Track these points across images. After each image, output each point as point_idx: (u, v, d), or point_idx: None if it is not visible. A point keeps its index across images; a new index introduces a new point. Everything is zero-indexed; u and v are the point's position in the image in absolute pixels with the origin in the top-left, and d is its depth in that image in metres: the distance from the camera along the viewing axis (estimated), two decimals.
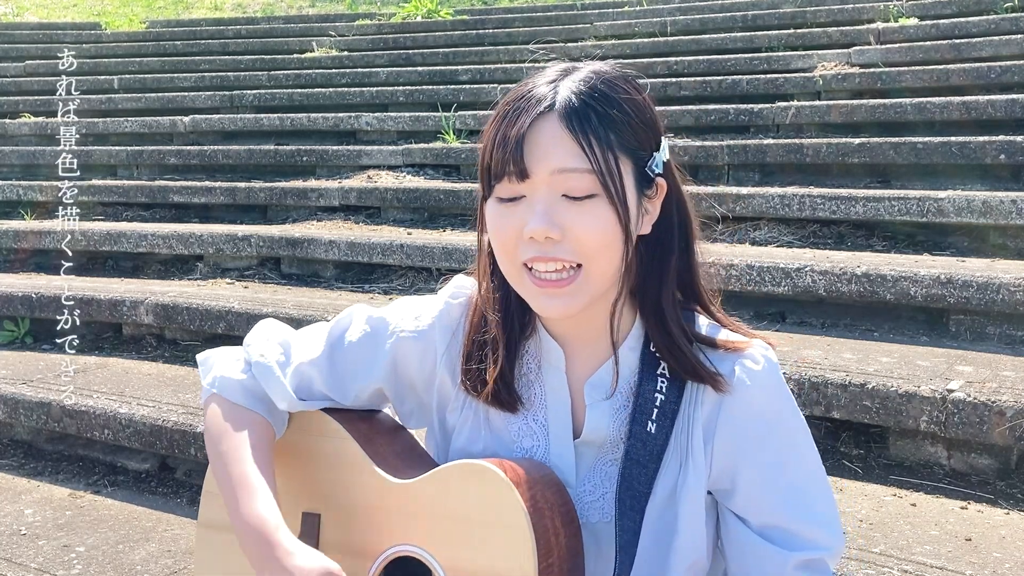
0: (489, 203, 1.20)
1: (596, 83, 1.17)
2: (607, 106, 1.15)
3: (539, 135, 1.13)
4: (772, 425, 1.24)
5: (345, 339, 1.37)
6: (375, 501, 1.30)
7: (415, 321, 1.35)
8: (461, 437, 1.34)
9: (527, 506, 1.16)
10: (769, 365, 1.25)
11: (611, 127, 1.14)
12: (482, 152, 1.19)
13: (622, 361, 1.27)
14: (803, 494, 1.23)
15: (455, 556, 1.21)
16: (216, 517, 1.40)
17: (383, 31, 9.25)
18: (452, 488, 1.23)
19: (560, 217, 1.13)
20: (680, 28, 7.48)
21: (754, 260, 3.37)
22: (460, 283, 1.37)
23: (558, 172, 1.13)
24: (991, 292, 2.96)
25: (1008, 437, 2.38)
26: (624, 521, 1.22)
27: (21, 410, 3.34)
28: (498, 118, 1.18)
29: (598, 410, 1.27)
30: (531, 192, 1.15)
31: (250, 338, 1.42)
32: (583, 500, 1.28)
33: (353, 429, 1.35)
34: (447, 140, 5.88)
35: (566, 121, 1.13)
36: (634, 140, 1.17)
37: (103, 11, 13.01)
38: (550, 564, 1.17)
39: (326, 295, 4.23)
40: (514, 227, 1.16)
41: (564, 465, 1.28)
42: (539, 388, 1.30)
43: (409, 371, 1.35)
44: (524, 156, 1.13)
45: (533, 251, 1.15)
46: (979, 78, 5.14)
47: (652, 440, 1.23)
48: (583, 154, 1.12)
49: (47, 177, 6.26)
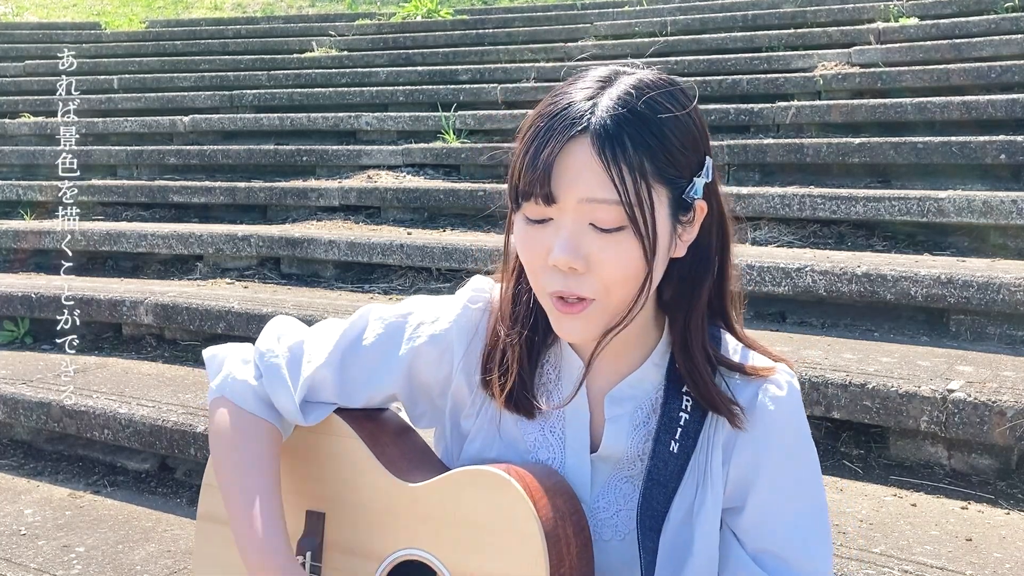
0: (518, 218, 1.15)
1: (636, 103, 1.09)
2: (645, 130, 1.08)
3: (569, 160, 1.07)
4: (790, 452, 1.22)
5: (360, 343, 1.33)
6: (382, 503, 1.28)
7: (432, 325, 1.31)
8: (475, 444, 1.31)
9: (539, 514, 1.15)
10: (792, 391, 1.22)
11: (647, 154, 1.07)
12: (512, 167, 1.14)
13: (645, 376, 1.24)
14: (804, 526, 1.21)
15: (464, 562, 1.20)
16: (216, 510, 1.38)
17: (383, 31, 9.25)
18: (463, 493, 1.21)
19: (586, 247, 1.09)
20: (680, 28, 7.48)
21: (754, 260, 3.37)
22: (479, 285, 1.33)
23: (586, 201, 1.07)
24: (991, 292, 2.96)
25: (1008, 437, 2.38)
26: (646, 542, 1.20)
27: (21, 410, 3.34)
28: (531, 133, 1.12)
29: (617, 425, 1.24)
30: (558, 216, 1.10)
31: (262, 338, 1.37)
32: (597, 516, 1.25)
33: (360, 429, 1.34)
34: (447, 140, 5.88)
35: (598, 148, 1.06)
36: (672, 169, 1.10)
37: (103, 11, 13.02)
38: (562, 574, 1.15)
39: (326, 295, 4.23)
40: (541, 250, 1.12)
41: (579, 480, 1.26)
42: (558, 399, 1.27)
43: (425, 375, 1.32)
44: (552, 181, 1.08)
45: (557, 284, 1.11)
46: (979, 78, 5.14)
47: (674, 460, 1.21)
48: (612, 185, 1.06)
49: (47, 177, 6.26)
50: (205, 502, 1.43)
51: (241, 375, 1.33)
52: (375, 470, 1.30)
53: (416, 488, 1.26)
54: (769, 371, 1.22)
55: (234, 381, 1.33)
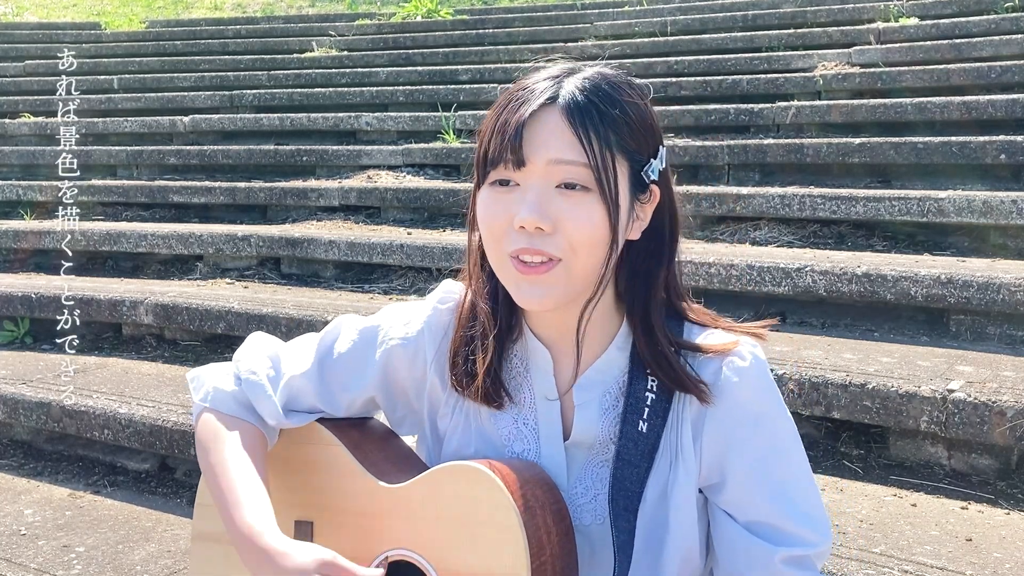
0: (482, 190, 1.20)
1: (600, 83, 1.18)
2: (609, 105, 1.16)
3: (539, 125, 1.15)
4: (760, 421, 1.23)
5: (335, 350, 1.37)
6: (367, 506, 1.30)
7: (404, 328, 1.35)
8: (452, 442, 1.34)
9: (518, 505, 1.16)
10: (756, 361, 1.24)
11: (611, 126, 1.15)
12: (480, 138, 1.20)
13: (611, 361, 1.27)
14: (790, 491, 1.23)
15: (447, 558, 1.22)
16: (209, 528, 1.40)
17: (383, 31, 9.25)
18: (442, 490, 1.23)
19: (552, 209, 1.14)
20: (680, 28, 7.48)
21: (754, 260, 3.37)
22: (448, 288, 1.38)
23: (554, 163, 1.14)
24: (991, 292, 2.96)
25: (1008, 437, 2.38)
26: (619, 522, 1.22)
27: (21, 410, 3.34)
28: (499, 106, 1.19)
29: (587, 410, 1.27)
30: (525, 181, 1.16)
31: (240, 353, 1.41)
32: (575, 502, 1.28)
33: (343, 436, 1.36)
34: (447, 140, 5.88)
35: (567, 114, 1.14)
36: (632, 142, 1.18)
37: (103, 11, 13.02)
38: (543, 562, 1.17)
39: (326, 295, 4.23)
40: (505, 214, 1.16)
41: (555, 467, 1.28)
42: (528, 391, 1.30)
43: (400, 378, 1.35)
44: (523, 144, 1.14)
45: (521, 242, 1.15)
46: (979, 78, 5.14)
47: (643, 439, 1.23)
48: (581, 147, 1.13)
49: (47, 177, 6.26)
50: (199, 521, 1.44)
51: (222, 385, 1.38)
52: (359, 475, 1.31)
53: (398, 489, 1.27)
54: (731, 345, 1.24)
55: (216, 391, 1.38)
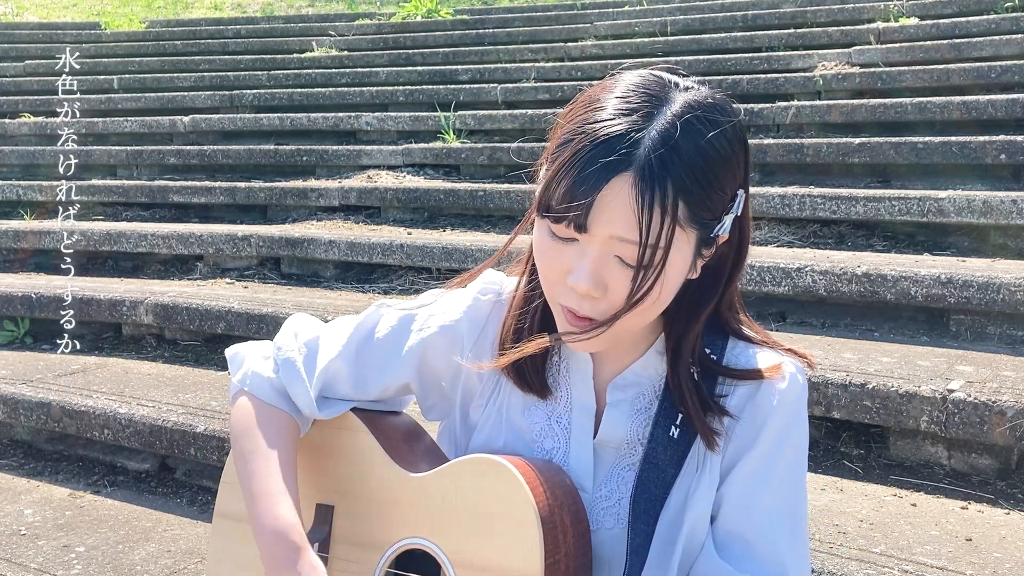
0: (542, 225, 1.15)
1: (685, 140, 1.06)
2: (689, 175, 1.06)
3: (609, 196, 1.06)
4: (778, 442, 1.22)
5: (373, 335, 1.37)
6: (388, 494, 1.31)
7: (443, 315, 1.34)
8: (482, 434, 1.34)
9: (536, 501, 1.17)
10: (792, 383, 1.23)
11: (685, 199, 1.07)
12: (547, 179, 1.11)
13: (648, 364, 1.26)
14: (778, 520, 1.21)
15: (462, 549, 1.22)
16: (233, 507, 1.41)
17: (383, 31, 9.25)
18: (463, 482, 1.24)
19: (605, 275, 1.11)
20: (680, 28, 7.48)
21: (754, 260, 3.37)
22: (490, 279, 1.36)
23: (617, 240, 1.08)
24: (991, 292, 2.96)
25: (1008, 437, 2.38)
26: (638, 524, 1.20)
27: (21, 410, 3.34)
28: (570, 154, 1.08)
29: (617, 409, 1.26)
30: (585, 243, 1.11)
31: (281, 337, 1.42)
32: (599, 506, 1.27)
33: (373, 425, 1.37)
34: (447, 140, 5.88)
35: (638, 189, 1.05)
36: (707, 211, 1.10)
37: (103, 11, 13.02)
38: (556, 560, 1.17)
39: (326, 295, 4.23)
40: (561, 266, 1.14)
41: (583, 468, 1.28)
42: (565, 390, 1.30)
43: (436, 365, 1.35)
44: (589, 215, 1.08)
45: (572, 302, 1.14)
46: (979, 78, 5.14)
47: (674, 445, 1.22)
48: (645, 230, 1.06)
49: (47, 177, 6.25)
50: (223, 499, 1.46)
51: (260, 370, 1.38)
52: (383, 463, 1.32)
53: (420, 478, 1.28)
54: (772, 372, 1.23)
55: (254, 375, 1.38)
